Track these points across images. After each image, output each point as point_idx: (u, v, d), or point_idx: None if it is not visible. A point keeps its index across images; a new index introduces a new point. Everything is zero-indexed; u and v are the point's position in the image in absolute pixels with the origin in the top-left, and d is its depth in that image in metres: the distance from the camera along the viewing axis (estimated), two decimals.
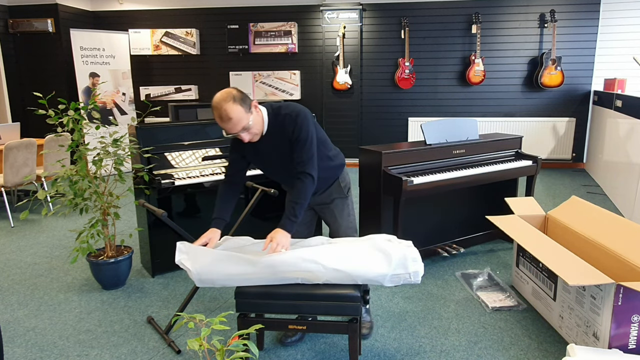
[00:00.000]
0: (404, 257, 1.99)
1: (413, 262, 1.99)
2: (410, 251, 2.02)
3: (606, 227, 2.59)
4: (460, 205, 3.68)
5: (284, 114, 2.10)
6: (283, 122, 2.09)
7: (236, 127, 1.97)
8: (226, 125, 1.97)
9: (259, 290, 2.05)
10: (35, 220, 4.68)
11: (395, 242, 2.10)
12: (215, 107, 1.95)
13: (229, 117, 1.94)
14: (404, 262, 1.99)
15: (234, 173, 2.25)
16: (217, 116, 1.97)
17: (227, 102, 1.93)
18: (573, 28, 6.34)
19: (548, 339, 2.47)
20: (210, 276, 2.04)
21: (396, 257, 1.98)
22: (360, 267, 1.98)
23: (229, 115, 1.94)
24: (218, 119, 1.97)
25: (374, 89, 6.93)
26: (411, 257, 2.00)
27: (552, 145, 6.61)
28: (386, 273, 1.98)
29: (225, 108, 1.93)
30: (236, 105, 1.94)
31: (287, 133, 2.09)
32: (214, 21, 7.05)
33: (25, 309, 2.89)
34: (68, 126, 2.95)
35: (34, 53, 6.82)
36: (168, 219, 2.46)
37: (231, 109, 1.93)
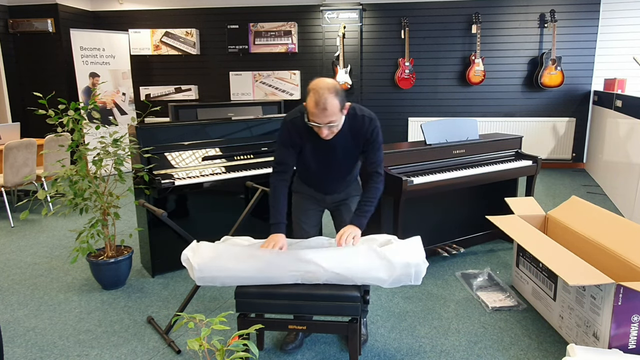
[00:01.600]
0: (406, 265, 1.98)
1: (415, 267, 1.98)
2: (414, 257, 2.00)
3: (606, 227, 2.59)
4: (460, 205, 3.68)
5: (361, 115, 2.14)
6: (362, 122, 2.14)
7: (325, 120, 1.96)
8: (318, 113, 1.95)
9: (259, 290, 2.06)
10: (35, 220, 4.68)
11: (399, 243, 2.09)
12: (317, 91, 1.93)
13: (325, 108, 1.93)
14: (406, 269, 1.98)
15: (288, 167, 2.21)
16: (313, 101, 1.94)
17: (330, 92, 1.93)
18: (573, 28, 6.35)
19: (548, 339, 2.47)
20: (211, 273, 2.04)
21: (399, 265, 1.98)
22: (361, 272, 1.99)
23: (326, 106, 1.93)
24: (312, 104, 1.95)
25: (374, 89, 6.93)
26: (414, 264, 1.98)
27: (552, 145, 6.61)
28: (386, 279, 1.99)
29: (327, 97, 1.92)
30: (336, 101, 1.95)
31: (362, 133, 2.15)
32: (214, 21, 7.05)
33: (25, 309, 2.89)
34: (68, 126, 2.95)
35: (34, 53, 6.82)
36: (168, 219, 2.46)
37: (331, 102, 1.93)
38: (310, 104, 1.97)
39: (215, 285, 3.12)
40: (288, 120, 2.16)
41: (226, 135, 3.56)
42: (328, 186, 2.31)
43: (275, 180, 2.20)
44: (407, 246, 2.07)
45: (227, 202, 3.56)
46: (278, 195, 2.18)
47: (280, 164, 2.20)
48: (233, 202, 3.58)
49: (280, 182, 2.20)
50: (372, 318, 2.69)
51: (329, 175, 2.27)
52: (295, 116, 2.15)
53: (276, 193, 2.18)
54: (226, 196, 3.55)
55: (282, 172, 2.20)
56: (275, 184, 2.19)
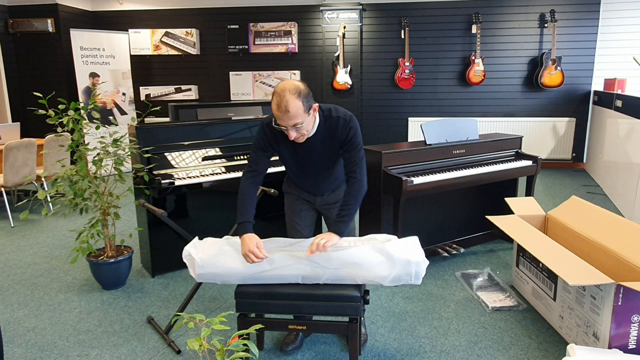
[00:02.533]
0: (407, 262, 1.98)
1: (416, 265, 1.99)
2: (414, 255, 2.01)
3: (606, 227, 2.59)
4: (460, 205, 3.68)
5: (336, 116, 2.11)
6: (336, 124, 2.11)
7: (289, 122, 1.95)
8: (281, 116, 1.94)
9: (259, 290, 2.06)
10: (35, 220, 4.68)
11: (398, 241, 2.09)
12: (278, 94, 1.93)
13: (287, 110, 1.91)
14: (407, 267, 1.98)
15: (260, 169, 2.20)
16: (275, 103, 1.93)
17: (292, 93, 1.91)
18: (573, 28, 6.34)
19: (548, 339, 2.47)
20: (212, 269, 2.05)
21: (399, 261, 1.98)
22: (362, 269, 1.99)
23: (288, 108, 1.91)
24: (275, 106, 1.94)
25: (374, 89, 6.93)
26: (414, 262, 1.99)
27: (552, 145, 6.61)
28: (387, 275, 1.98)
29: (287, 99, 1.90)
30: (298, 101, 1.92)
31: (338, 136, 2.12)
32: (214, 21, 7.05)
33: (25, 309, 2.89)
34: (68, 126, 2.95)
35: (34, 53, 6.82)
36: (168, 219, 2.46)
37: (293, 103, 1.91)
38: (273, 107, 1.95)
39: (216, 284, 3.14)
40: (264, 123, 2.16)
41: (226, 135, 3.56)
42: (314, 187, 2.30)
43: (245, 179, 2.19)
44: (406, 244, 2.07)
45: (227, 202, 3.56)
46: (245, 194, 2.16)
47: (253, 164, 2.20)
48: (233, 202, 3.58)
49: (250, 183, 2.18)
50: (372, 318, 2.69)
51: (313, 177, 2.26)
52: (270, 119, 2.14)
53: (244, 192, 2.16)
54: (226, 196, 3.55)
55: (253, 172, 2.19)
56: (244, 184, 2.18)
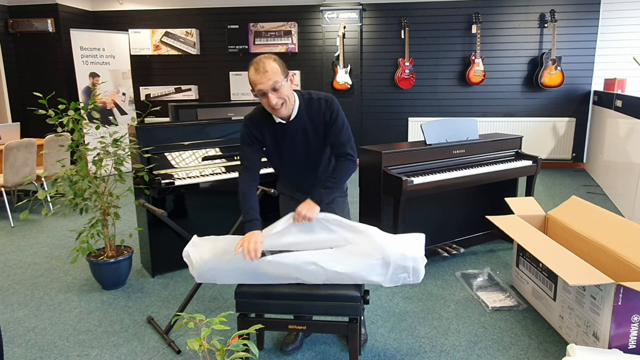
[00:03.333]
0: (402, 258, 1.97)
1: (413, 261, 1.98)
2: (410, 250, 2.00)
3: (606, 227, 2.59)
4: (460, 205, 3.68)
5: (317, 98, 2.11)
6: (318, 106, 2.10)
7: (267, 83, 1.93)
8: (260, 79, 1.94)
9: (259, 290, 2.06)
10: (35, 220, 4.68)
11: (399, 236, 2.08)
12: (255, 60, 1.96)
13: (265, 70, 1.93)
14: (403, 265, 1.97)
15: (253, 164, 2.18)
16: (253, 68, 1.95)
17: (267, 58, 1.96)
18: (573, 28, 6.34)
19: (548, 339, 2.47)
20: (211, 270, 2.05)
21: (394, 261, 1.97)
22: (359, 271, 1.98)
23: (265, 68, 1.93)
24: (252, 72, 1.95)
25: (374, 89, 6.93)
26: (411, 257, 1.98)
27: (552, 145, 6.61)
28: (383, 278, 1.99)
29: (264, 61, 1.94)
30: (275, 63, 1.96)
31: (320, 117, 2.10)
32: (214, 21, 7.05)
33: (25, 309, 2.89)
34: (68, 126, 2.95)
35: (34, 53, 6.82)
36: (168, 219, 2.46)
37: (269, 63, 1.94)
38: (251, 74, 1.96)
39: (216, 284, 3.13)
40: (247, 117, 2.16)
41: (226, 135, 3.56)
42: (304, 184, 2.26)
43: (242, 177, 2.16)
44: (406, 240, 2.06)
45: (227, 202, 3.56)
46: (246, 192, 2.14)
47: (243, 161, 2.18)
48: (233, 202, 3.58)
49: (247, 179, 2.16)
50: (372, 318, 2.69)
51: (300, 171, 2.23)
52: (253, 113, 2.15)
53: (244, 191, 2.14)
54: (226, 196, 3.55)
55: (246, 169, 2.17)
56: (242, 183, 2.16)
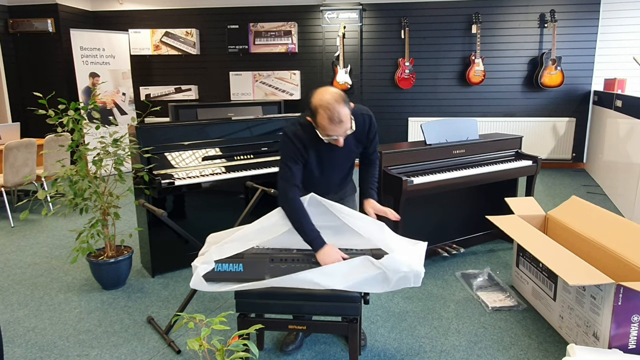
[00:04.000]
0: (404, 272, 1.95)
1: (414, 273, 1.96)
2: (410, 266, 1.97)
3: (606, 227, 2.59)
4: (460, 205, 3.68)
5: (360, 114, 2.17)
6: (362, 122, 2.17)
7: (341, 131, 1.97)
8: (334, 128, 1.95)
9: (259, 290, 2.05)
10: (35, 220, 4.68)
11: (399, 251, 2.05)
12: (328, 107, 1.92)
13: (341, 120, 1.94)
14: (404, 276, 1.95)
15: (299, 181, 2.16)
16: (327, 117, 1.93)
17: (340, 104, 1.94)
18: (573, 28, 6.34)
19: (548, 339, 2.47)
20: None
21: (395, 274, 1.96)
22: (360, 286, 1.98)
23: (341, 118, 1.93)
24: (326, 121, 1.93)
25: (374, 89, 6.93)
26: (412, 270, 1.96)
27: (552, 145, 6.61)
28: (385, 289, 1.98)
29: (339, 110, 1.92)
30: (346, 109, 1.96)
31: (365, 134, 2.21)
32: (214, 21, 7.05)
33: (25, 309, 2.89)
34: (68, 126, 2.95)
35: (34, 53, 6.82)
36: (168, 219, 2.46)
37: (344, 112, 1.94)
38: (323, 122, 1.94)
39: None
40: (293, 134, 2.08)
41: (226, 135, 3.56)
42: (326, 188, 2.30)
43: (293, 197, 2.10)
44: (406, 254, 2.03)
45: (227, 202, 3.56)
46: (302, 209, 2.10)
47: (293, 179, 2.11)
48: (233, 202, 3.58)
49: (298, 198, 2.12)
50: (372, 318, 2.69)
51: (330, 180, 2.27)
52: (297, 129, 2.09)
53: (301, 210, 2.09)
54: (226, 196, 3.55)
55: (297, 187, 2.12)
56: (297, 202, 2.10)
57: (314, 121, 2.00)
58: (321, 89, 2.00)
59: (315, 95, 1.98)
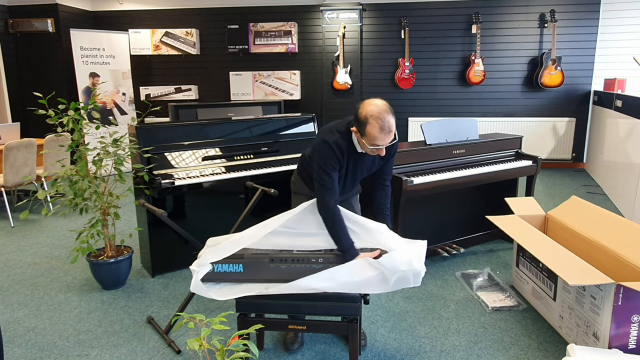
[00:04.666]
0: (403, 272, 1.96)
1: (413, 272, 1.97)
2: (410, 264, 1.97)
3: (606, 227, 2.59)
4: (460, 205, 3.68)
5: None
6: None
7: (388, 140, 2.03)
8: (384, 137, 2.00)
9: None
10: (35, 220, 4.68)
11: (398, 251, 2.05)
12: (377, 117, 1.97)
13: (391, 130, 2.00)
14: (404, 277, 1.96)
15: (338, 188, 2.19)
16: (377, 127, 1.97)
17: (389, 114, 2.00)
18: (573, 28, 6.34)
19: (548, 339, 2.47)
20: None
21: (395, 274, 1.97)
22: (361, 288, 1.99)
23: (391, 128, 2.00)
24: (377, 130, 1.97)
25: (374, 89, 6.92)
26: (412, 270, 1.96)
27: (552, 145, 6.61)
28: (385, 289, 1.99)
29: (389, 120, 1.99)
30: (393, 119, 2.02)
31: (388, 148, 2.21)
32: (214, 21, 7.05)
33: (25, 309, 2.89)
34: (68, 126, 2.95)
35: (34, 53, 6.82)
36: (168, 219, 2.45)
37: (393, 122, 2.01)
38: (374, 131, 1.98)
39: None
40: (332, 142, 2.09)
41: (226, 135, 3.56)
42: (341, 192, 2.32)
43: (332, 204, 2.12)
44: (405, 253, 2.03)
45: (227, 202, 3.56)
46: (340, 219, 2.13)
47: (332, 185, 2.12)
48: (233, 202, 3.58)
49: (336, 204, 2.14)
50: (372, 318, 2.69)
51: (344, 187, 2.30)
52: (337, 137, 2.11)
53: (339, 218, 2.12)
54: (226, 196, 3.55)
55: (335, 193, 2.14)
56: (336, 210, 2.12)
57: (361, 131, 2.03)
58: (369, 100, 2.05)
59: (364, 106, 2.02)
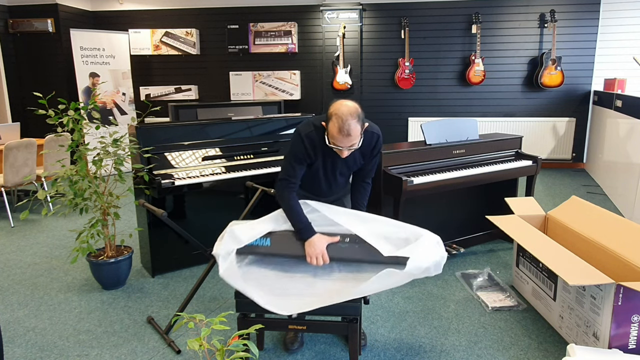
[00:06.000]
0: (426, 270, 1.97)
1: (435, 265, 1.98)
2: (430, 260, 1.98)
3: (606, 227, 2.59)
4: (460, 205, 3.68)
5: (371, 132, 2.21)
6: (371, 139, 2.21)
7: (347, 144, 2.02)
8: (341, 138, 2.00)
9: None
10: (35, 220, 4.68)
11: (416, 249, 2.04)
12: (340, 117, 1.97)
13: (349, 134, 1.98)
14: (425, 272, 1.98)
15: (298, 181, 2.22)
16: (337, 126, 1.98)
17: (353, 118, 1.98)
18: (573, 28, 6.35)
19: (548, 339, 2.47)
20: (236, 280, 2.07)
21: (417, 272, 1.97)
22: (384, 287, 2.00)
23: (350, 132, 1.98)
24: (335, 129, 1.98)
25: (374, 89, 6.93)
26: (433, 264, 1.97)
27: (552, 145, 6.61)
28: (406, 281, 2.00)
29: (350, 123, 1.97)
30: (358, 126, 2.00)
31: (370, 149, 2.23)
32: (214, 21, 7.05)
33: (25, 309, 2.89)
34: (68, 126, 2.95)
35: (34, 53, 6.82)
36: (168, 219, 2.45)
37: (354, 127, 1.98)
38: (333, 129, 1.99)
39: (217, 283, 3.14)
40: (304, 135, 2.13)
41: (226, 135, 3.56)
42: (324, 191, 2.37)
43: (289, 195, 2.17)
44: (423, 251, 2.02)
45: (227, 202, 3.56)
46: (297, 205, 2.16)
47: (292, 177, 2.17)
48: (233, 202, 3.58)
49: (293, 194, 2.18)
50: (372, 318, 2.70)
51: (331, 183, 2.33)
52: (310, 130, 2.13)
53: (294, 204, 2.16)
54: (226, 196, 3.55)
55: (294, 186, 2.19)
56: (291, 198, 2.16)
57: (326, 126, 2.05)
58: (344, 100, 2.06)
59: (336, 104, 2.03)
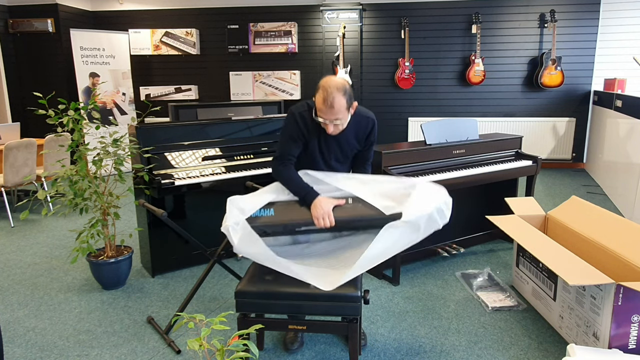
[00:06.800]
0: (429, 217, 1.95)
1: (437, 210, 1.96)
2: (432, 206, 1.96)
3: (606, 227, 2.59)
4: (460, 205, 3.68)
5: (365, 117, 2.24)
6: (366, 124, 2.24)
7: (331, 117, 2.03)
8: (325, 110, 2.02)
9: (259, 290, 2.06)
10: (35, 220, 4.68)
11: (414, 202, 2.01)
12: (326, 89, 2.00)
13: (332, 106, 2.00)
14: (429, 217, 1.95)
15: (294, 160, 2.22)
16: (321, 97, 2.01)
17: (339, 91, 2.00)
18: (573, 28, 6.35)
19: (548, 339, 2.47)
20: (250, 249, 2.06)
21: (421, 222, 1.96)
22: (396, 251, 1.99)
23: (333, 104, 1.99)
24: (320, 100, 2.01)
25: (374, 89, 6.93)
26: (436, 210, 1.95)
27: (552, 145, 6.61)
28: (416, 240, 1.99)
29: (335, 95, 1.99)
30: (343, 100, 2.01)
31: (362, 133, 2.24)
32: (214, 21, 7.05)
33: (25, 309, 2.89)
34: (68, 126, 2.95)
35: (34, 53, 6.82)
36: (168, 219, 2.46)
37: (339, 100, 2.00)
38: (318, 100, 2.02)
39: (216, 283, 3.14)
40: (296, 113, 2.16)
41: (226, 135, 3.56)
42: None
43: (285, 167, 2.18)
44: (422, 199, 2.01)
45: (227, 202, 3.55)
46: (293, 175, 2.17)
47: (286, 155, 2.19)
48: None
49: (291, 167, 2.19)
50: (372, 318, 2.70)
51: (330, 167, 2.32)
52: (303, 109, 2.17)
53: (290, 173, 2.17)
54: (226, 196, 3.53)
55: (290, 163, 2.20)
56: (289, 170, 2.17)
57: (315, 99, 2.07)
58: (333, 76, 2.09)
59: (326, 77, 2.06)
